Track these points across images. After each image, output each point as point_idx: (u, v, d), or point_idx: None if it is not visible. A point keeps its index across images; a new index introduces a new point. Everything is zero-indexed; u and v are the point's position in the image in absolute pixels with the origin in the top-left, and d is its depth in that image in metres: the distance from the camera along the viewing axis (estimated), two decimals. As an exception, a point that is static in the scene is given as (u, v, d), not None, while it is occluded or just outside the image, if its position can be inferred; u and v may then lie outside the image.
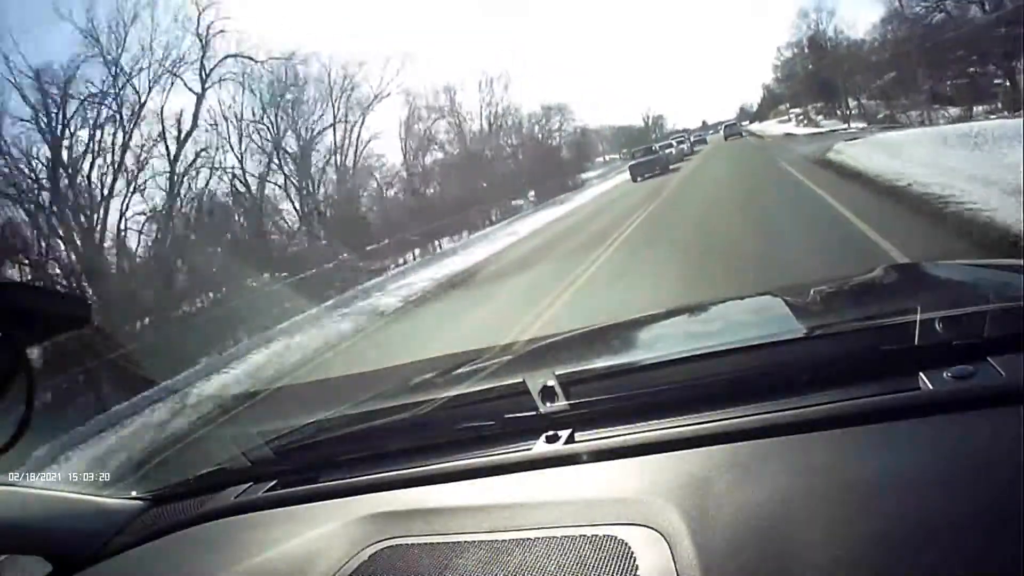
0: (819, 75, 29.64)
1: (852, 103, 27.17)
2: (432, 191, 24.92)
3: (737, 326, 1.46)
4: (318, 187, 20.45)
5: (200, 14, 16.37)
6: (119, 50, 15.41)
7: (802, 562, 0.59)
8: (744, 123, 48.61)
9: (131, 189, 15.36)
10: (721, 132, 41.72)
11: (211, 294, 15.33)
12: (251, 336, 11.58)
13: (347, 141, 21.38)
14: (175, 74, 16.18)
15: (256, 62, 17.93)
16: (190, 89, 16.72)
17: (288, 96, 19.61)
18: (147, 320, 13.67)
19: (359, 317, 10.47)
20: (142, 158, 15.68)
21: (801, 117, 36.62)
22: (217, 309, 14.28)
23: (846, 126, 22.68)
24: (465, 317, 8.06)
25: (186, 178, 16.40)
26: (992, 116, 16.48)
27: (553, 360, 1.42)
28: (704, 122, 54.16)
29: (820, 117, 32.43)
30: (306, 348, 9.12)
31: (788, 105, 42.07)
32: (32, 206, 13.94)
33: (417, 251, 20.44)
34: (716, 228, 8.52)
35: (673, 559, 0.64)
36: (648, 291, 5.98)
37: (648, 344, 1.45)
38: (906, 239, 5.15)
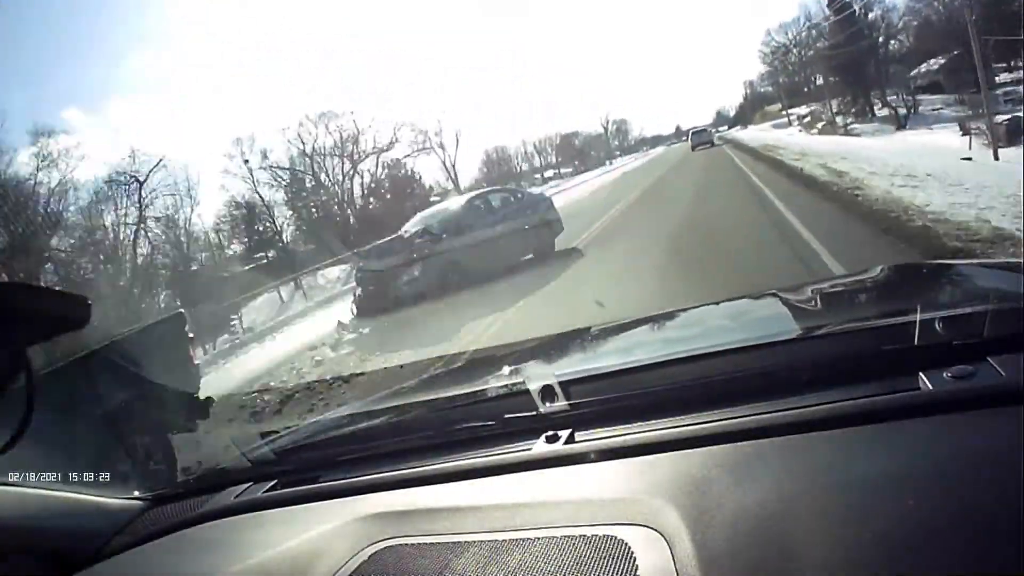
0: (844, 56, 17.98)
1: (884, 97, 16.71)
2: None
3: (737, 326, 1.46)
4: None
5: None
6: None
7: (802, 562, 0.59)
8: (721, 128, 37.90)
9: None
10: (688, 140, 30.63)
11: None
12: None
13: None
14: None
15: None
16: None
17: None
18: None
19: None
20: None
21: (807, 119, 25.49)
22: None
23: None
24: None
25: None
26: None
27: (553, 361, 1.42)
28: (678, 127, 43.51)
29: (850, 120, 19.96)
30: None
31: (781, 105, 31.60)
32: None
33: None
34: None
35: (673, 559, 0.64)
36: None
37: (648, 344, 1.45)
38: None
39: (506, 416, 1.00)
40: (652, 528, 0.69)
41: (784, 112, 30.51)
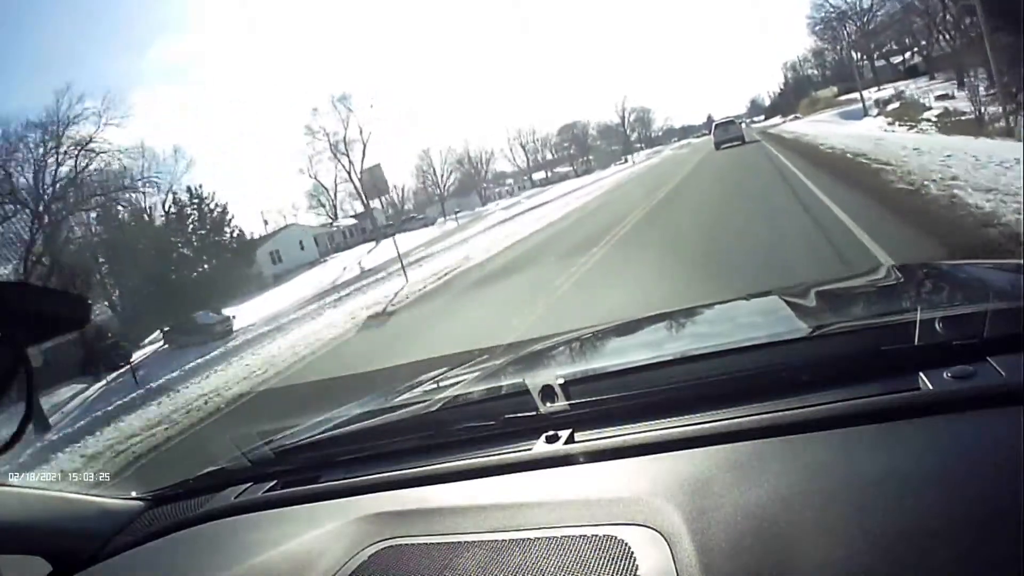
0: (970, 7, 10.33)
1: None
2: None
3: (737, 326, 1.46)
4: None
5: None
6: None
7: (802, 562, 0.59)
8: (756, 119, 32.80)
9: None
10: (711, 136, 26.10)
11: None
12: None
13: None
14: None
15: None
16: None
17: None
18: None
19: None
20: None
21: (893, 105, 17.90)
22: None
23: None
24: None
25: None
26: None
27: (553, 361, 1.42)
28: (709, 116, 40.41)
29: (1010, 108, 11.27)
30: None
31: (838, 89, 24.76)
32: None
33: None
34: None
35: (673, 559, 0.64)
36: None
37: (648, 345, 1.45)
38: None
39: (506, 416, 1.00)
40: (652, 528, 0.69)
41: (846, 95, 21.39)
